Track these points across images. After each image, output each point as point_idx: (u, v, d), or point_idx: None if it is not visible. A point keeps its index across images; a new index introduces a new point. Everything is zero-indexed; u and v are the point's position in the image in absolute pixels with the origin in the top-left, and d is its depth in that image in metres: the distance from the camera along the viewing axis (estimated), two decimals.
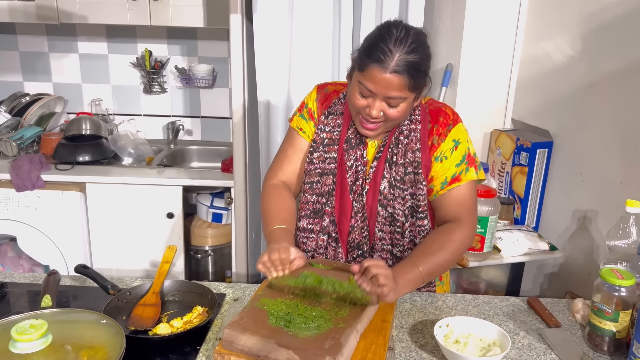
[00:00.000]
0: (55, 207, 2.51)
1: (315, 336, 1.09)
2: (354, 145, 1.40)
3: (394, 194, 1.38)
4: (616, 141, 1.74)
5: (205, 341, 1.23)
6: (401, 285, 1.22)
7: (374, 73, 1.22)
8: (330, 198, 1.42)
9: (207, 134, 3.16)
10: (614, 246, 1.34)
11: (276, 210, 1.40)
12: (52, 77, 3.08)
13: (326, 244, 1.46)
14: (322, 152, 1.43)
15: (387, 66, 1.21)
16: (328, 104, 1.46)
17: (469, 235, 1.36)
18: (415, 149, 1.36)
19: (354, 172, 1.40)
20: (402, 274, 1.24)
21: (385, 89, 1.23)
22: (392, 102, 1.26)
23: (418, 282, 1.27)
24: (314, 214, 1.45)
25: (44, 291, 1.28)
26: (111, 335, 1.09)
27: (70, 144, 2.67)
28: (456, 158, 1.36)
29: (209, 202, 2.75)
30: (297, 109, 1.52)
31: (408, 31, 1.24)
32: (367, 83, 1.25)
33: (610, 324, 1.20)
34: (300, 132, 1.48)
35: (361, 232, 1.42)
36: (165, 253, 1.44)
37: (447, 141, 1.36)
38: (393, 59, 1.21)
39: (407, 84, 1.22)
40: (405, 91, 1.24)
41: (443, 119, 1.38)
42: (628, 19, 1.69)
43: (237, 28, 2.23)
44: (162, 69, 3.03)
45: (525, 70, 2.23)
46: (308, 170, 1.44)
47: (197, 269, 2.84)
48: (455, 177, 1.36)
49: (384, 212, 1.40)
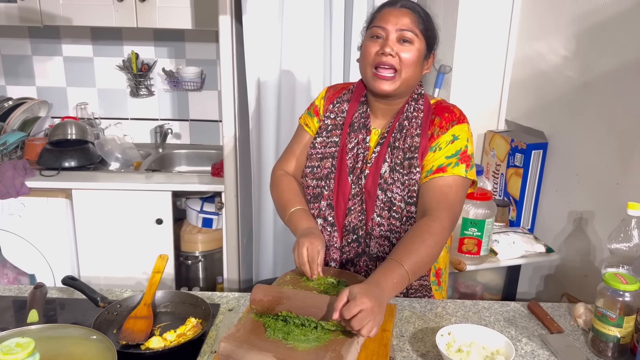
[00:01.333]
0: (41, 215, 2.44)
1: (315, 348, 1.06)
2: (357, 129, 1.42)
3: (393, 177, 1.37)
4: (612, 141, 1.72)
5: (200, 355, 1.19)
6: (388, 290, 1.14)
7: (385, 12, 1.33)
8: (329, 181, 1.43)
9: (196, 138, 3.12)
10: (615, 249, 1.32)
11: (291, 194, 1.46)
12: (36, 80, 3.01)
13: (321, 228, 1.43)
14: (325, 137, 1.46)
15: (396, 3, 1.33)
16: (337, 95, 1.50)
17: (447, 227, 1.27)
18: (415, 134, 1.37)
19: (354, 155, 1.41)
20: (386, 277, 1.16)
21: (396, 21, 1.31)
22: (406, 36, 1.31)
23: (404, 282, 1.19)
24: (313, 199, 1.45)
25: (30, 306, 1.23)
26: (101, 351, 1.04)
27: (56, 149, 2.61)
28: (449, 150, 1.34)
29: (198, 207, 2.71)
30: (307, 108, 1.57)
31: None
32: (379, 21, 1.33)
33: (614, 329, 1.18)
34: (306, 127, 1.53)
35: (358, 216, 1.40)
36: (157, 262, 1.40)
37: (447, 134, 1.36)
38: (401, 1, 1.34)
39: (416, 21, 1.31)
40: (415, 28, 1.31)
41: (448, 115, 1.38)
42: (622, 19, 1.68)
43: (227, 30, 2.20)
44: (149, 71, 2.97)
45: (519, 71, 2.22)
46: (310, 155, 1.46)
47: (187, 275, 2.80)
48: (440, 167, 1.33)
49: (383, 197, 1.38)
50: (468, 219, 1.83)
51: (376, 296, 1.08)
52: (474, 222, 1.82)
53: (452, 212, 1.31)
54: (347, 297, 1.07)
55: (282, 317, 1.15)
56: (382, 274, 1.16)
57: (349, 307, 1.04)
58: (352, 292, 1.07)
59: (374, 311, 1.05)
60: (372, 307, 1.05)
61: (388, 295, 1.13)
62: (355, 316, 1.04)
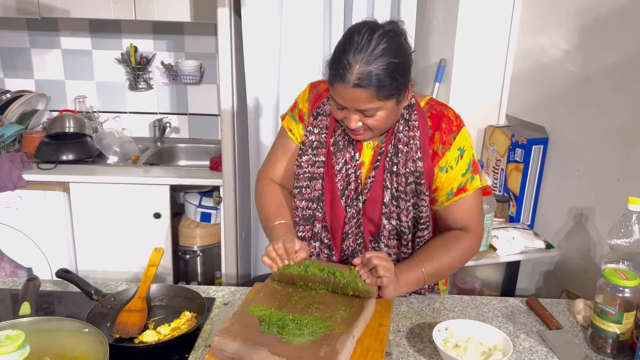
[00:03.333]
0: (38, 208, 2.43)
1: (310, 343, 1.05)
2: (342, 147, 1.34)
3: (398, 205, 1.32)
4: (613, 137, 1.71)
5: (194, 349, 1.18)
6: (402, 283, 1.24)
7: (339, 89, 1.18)
8: (321, 203, 1.37)
9: (195, 132, 3.10)
10: (615, 245, 1.31)
11: (274, 206, 1.40)
12: (34, 73, 3.00)
13: (319, 250, 1.40)
14: (311, 155, 1.37)
15: (348, 81, 1.14)
16: (317, 104, 1.39)
17: (475, 244, 1.35)
18: (416, 157, 1.30)
19: (344, 176, 1.34)
20: (404, 273, 1.26)
21: (352, 103, 1.18)
22: (367, 113, 1.20)
23: (419, 283, 1.28)
24: (304, 221, 1.40)
25: (22, 298, 1.22)
26: (94, 345, 1.03)
27: (53, 143, 2.60)
28: (462, 167, 1.31)
29: (197, 201, 2.69)
30: (290, 107, 1.47)
31: (372, 34, 1.14)
32: (336, 98, 1.20)
33: (614, 325, 1.17)
34: (290, 133, 1.43)
35: (355, 239, 1.37)
36: (152, 256, 1.38)
37: (452, 150, 1.30)
38: (353, 73, 1.13)
39: (374, 95, 1.15)
40: (374, 102, 1.17)
41: (446, 125, 1.30)
42: (624, 13, 1.66)
43: (225, 23, 2.17)
44: (148, 65, 2.96)
45: (520, 65, 2.20)
46: (297, 175, 1.39)
47: (185, 269, 2.79)
48: (461, 188, 1.31)
49: (389, 225, 1.34)
50: None
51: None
52: None
53: (480, 225, 1.37)
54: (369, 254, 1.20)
55: (305, 265, 1.25)
56: (400, 270, 1.25)
57: (379, 255, 1.19)
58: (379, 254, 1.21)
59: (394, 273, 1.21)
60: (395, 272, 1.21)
61: (402, 291, 1.25)
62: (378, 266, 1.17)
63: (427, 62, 2.38)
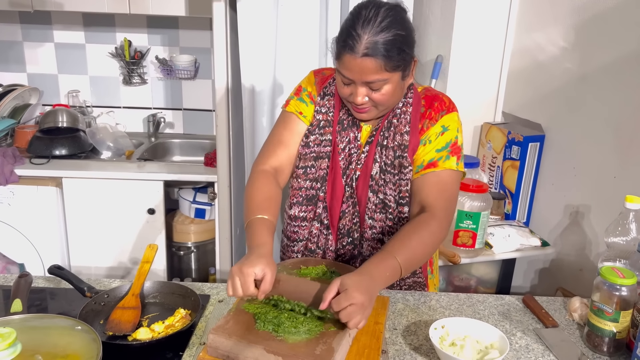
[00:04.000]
0: (30, 203, 2.41)
1: (306, 341, 1.04)
2: (347, 127, 1.36)
3: (384, 179, 1.33)
4: (609, 135, 1.70)
5: (188, 346, 1.16)
6: (380, 282, 1.13)
7: (347, 60, 1.19)
8: (324, 183, 1.37)
9: (189, 127, 3.08)
10: (612, 243, 1.31)
11: (261, 198, 1.30)
12: (27, 67, 2.96)
13: (318, 232, 1.40)
14: (318, 134, 1.37)
15: (357, 51, 1.16)
16: (325, 82, 1.41)
17: (444, 225, 1.27)
18: (404, 131, 1.32)
19: (346, 155, 1.35)
20: (380, 269, 1.14)
21: (361, 74, 1.19)
22: (374, 86, 1.21)
23: (397, 275, 1.18)
24: (307, 201, 1.39)
25: (14, 295, 1.20)
26: (87, 342, 1.01)
27: (46, 137, 2.57)
28: (439, 143, 1.30)
29: (191, 197, 2.68)
30: (293, 93, 1.43)
31: (379, 9, 1.18)
32: (344, 71, 1.21)
33: (610, 324, 1.16)
34: (300, 115, 1.39)
35: (352, 219, 1.37)
36: (146, 252, 1.37)
37: (436, 126, 1.31)
38: (362, 43, 1.16)
39: (383, 64, 1.17)
40: (382, 72, 1.18)
41: (438, 105, 1.33)
42: (622, 10, 1.66)
43: (221, 17, 2.15)
44: (142, 59, 2.93)
45: (517, 62, 2.19)
46: (303, 154, 1.38)
47: (179, 266, 2.77)
48: (432, 162, 1.30)
49: (375, 199, 1.34)
50: (463, 212, 1.80)
51: (367, 289, 1.07)
52: (469, 215, 1.80)
53: (451, 210, 1.30)
54: (337, 288, 1.06)
55: (274, 300, 1.14)
56: (375, 265, 1.14)
57: (339, 300, 1.04)
58: (343, 284, 1.06)
59: (363, 305, 1.04)
60: (363, 302, 1.04)
61: (379, 287, 1.13)
62: (345, 309, 1.03)
63: (424, 59, 2.37)
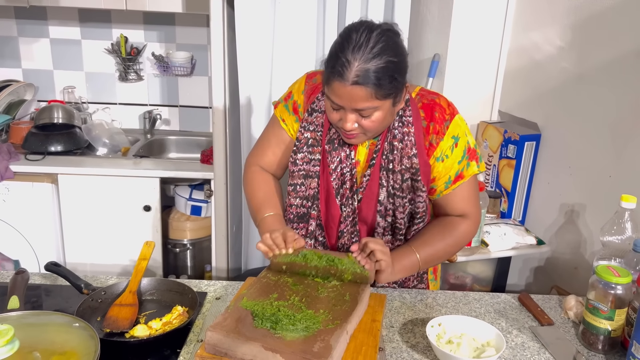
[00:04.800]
0: (26, 200, 2.39)
1: (304, 338, 1.04)
2: (337, 146, 1.32)
3: (394, 202, 1.32)
4: (605, 134, 1.71)
5: (186, 343, 1.16)
6: (397, 269, 1.26)
7: (337, 87, 1.15)
8: (316, 202, 1.36)
9: (186, 124, 3.07)
10: (607, 242, 1.31)
11: (265, 195, 1.39)
12: (22, 62, 2.94)
13: (313, 249, 1.39)
14: (307, 152, 1.35)
15: (347, 78, 1.12)
16: (313, 98, 1.37)
17: (472, 230, 1.37)
18: (412, 154, 1.29)
19: (338, 175, 1.33)
20: (399, 259, 1.27)
21: (350, 102, 1.16)
22: (364, 113, 1.18)
23: (414, 269, 1.30)
24: (298, 218, 1.39)
25: (10, 292, 1.20)
26: (84, 339, 1.01)
27: (41, 133, 2.56)
28: (457, 155, 1.30)
29: (187, 194, 2.67)
30: (284, 96, 1.44)
31: (370, 33, 1.13)
32: (333, 97, 1.18)
33: (605, 322, 1.17)
34: (282, 123, 1.42)
35: (351, 238, 1.37)
36: (143, 249, 1.37)
37: (445, 139, 1.29)
38: (352, 70, 1.12)
39: (373, 93, 1.14)
40: (373, 101, 1.15)
41: (439, 115, 1.29)
42: (619, 10, 1.66)
43: (218, 14, 2.15)
44: (139, 55, 2.92)
45: (513, 62, 2.20)
46: (292, 172, 1.37)
47: (175, 263, 2.77)
48: (458, 175, 1.32)
49: (384, 223, 1.34)
50: None
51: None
52: None
53: (477, 210, 1.38)
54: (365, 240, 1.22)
55: (302, 254, 1.25)
56: (395, 256, 1.27)
57: (376, 239, 1.21)
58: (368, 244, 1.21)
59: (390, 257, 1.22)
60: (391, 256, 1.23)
61: (397, 274, 1.27)
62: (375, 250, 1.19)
63: (420, 57, 2.38)
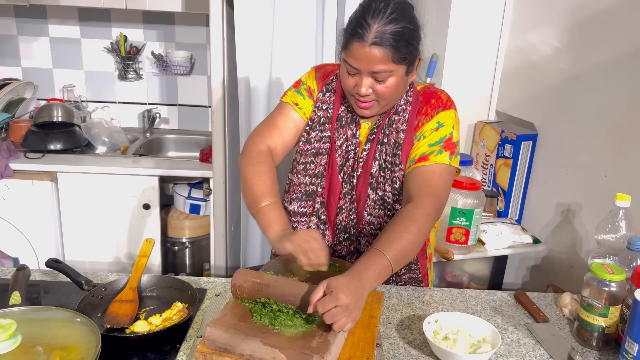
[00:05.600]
0: (25, 198, 2.40)
1: (302, 334, 1.05)
2: (345, 124, 1.37)
3: (384, 176, 1.35)
4: (601, 134, 1.73)
5: (185, 339, 1.18)
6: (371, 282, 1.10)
7: (355, 49, 1.20)
8: (322, 179, 1.39)
9: (185, 123, 3.08)
10: (602, 240, 1.33)
11: (266, 181, 1.27)
12: (21, 61, 2.95)
13: (315, 227, 1.41)
14: (319, 131, 1.39)
15: (366, 39, 1.18)
16: (327, 81, 1.41)
17: (430, 213, 1.21)
18: (401, 129, 1.33)
19: (343, 152, 1.37)
20: (369, 269, 1.10)
21: (367, 64, 1.20)
22: (379, 77, 1.22)
23: (387, 273, 1.14)
24: (306, 196, 1.41)
25: (12, 287, 1.21)
26: (85, 334, 1.02)
27: (41, 132, 2.57)
28: (432, 138, 1.30)
29: (186, 192, 2.68)
30: (292, 86, 1.44)
31: (388, 2, 1.20)
32: (351, 60, 1.22)
33: (599, 319, 1.19)
34: (296, 107, 1.39)
35: (349, 215, 1.39)
36: (143, 246, 1.38)
37: (431, 122, 1.32)
38: (371, 32, 1.17)
39: (390, 55, 1.18)
40: (389, 63, 1.19)
41: (435, 101, 1.34)
42: (615, 11, 1.68)
43: (217, 13, 2.16)
44: (138, 54, 2.93)
45: (511, 62, 2.22)
46: (304, 150, 1.39)
47: (173, 261, 2.78)
48: (423, 156, 1.29)
49: (374, 196, 1.36)
50: (457, 209, 1.82)
51: (354, 291, 1.03)
52: (462, 212, 1.82)
53: (435, 197, 1.25)
54: (324, 290, 1.03)
55: (261, 303, 1.13)
56: (364, 265, 1.11)
57: (324, 302, 1.00)
58: (329, 286, 1.03)
59: (349, 308, 1.01)
60: (348, 304, 1.00)
61: (369, 287, 1.09)
62: (329, 311, 1.00)
63: None
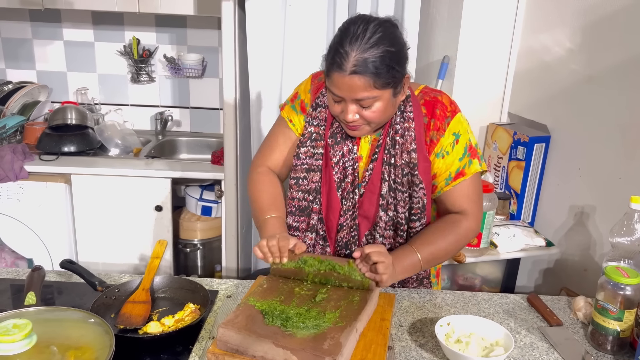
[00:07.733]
0: (40, 199, 2.43)
1: (314, 336, 1.05)
2: (340, 140, 1.34)
3: (395, 197, 1.34)
4: (615, 136, 1.71)
5: (198, 340, 1.18)
6: (398, 271, 1.25)
7: (336, 78, 1.18)
8: (318, 195, 1.37)
9: (196, 125, 3.10)
10: (617, 243, 1.32)
11: (269, 198, 1.39)
12: (36, 64, 2.99)
13: (314, 242, 1.41)
14: (310, 147, 1.37)
15: (345, 68, 1.15)
16: (317, 95, 1.40)
17: (474, 227, 1.35)
18: (411, 149, 1.30)
19: (340, 168, 1.35)
20: (399, 260, 1.26)
21: (350, 92, 1.18)
22: (364, 104, 1.20)
23: (415, 269, 1.30)
24: (299, 212, 1.40)
25: (27, 288, 1.22)
26: (99, 335, 1.03)
27: (55, 134, 2.60)
28: (458, 152, 1.31)
29: (198, 194, 2.70)
30: (290, 97, 1.46)
31: (367, 24, 1.16)
32: (333, 89, 1.21)
33: (614, 323, 1.18)
34: (290, 123, 1.43)
35: (350, 232, 1.38)
36: (155, 248, 1.39)
37: (446, 135, 1.31)
38: (349, 60, 1.15)
39: (372, 82, 1.16)
40: (372, 90, 1.17)
41: (440, 112, 1.31)
42: (629, 12, 1.66)
43: (229, 16, 2.17)
44: (150, 57, 2.95)
45: (523, 63, 2.20)
46: (295, 166, 1.39)
47: (185, 263, 2.79)
48: (459, 172, 1.32)
49: (386, 217, 1.35)
50: None
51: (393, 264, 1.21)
52: None
53: (478, 209, 1.37)
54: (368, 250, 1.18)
55: (302, 260, 1.24)
56: (396, 257, 1.25)
57: (378, 250, 1.18)
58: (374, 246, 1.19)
59: (392, 268, 1.20)
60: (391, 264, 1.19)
61: (397, 277, 1.24)
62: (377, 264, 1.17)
63: (430, 59, 2.39)
